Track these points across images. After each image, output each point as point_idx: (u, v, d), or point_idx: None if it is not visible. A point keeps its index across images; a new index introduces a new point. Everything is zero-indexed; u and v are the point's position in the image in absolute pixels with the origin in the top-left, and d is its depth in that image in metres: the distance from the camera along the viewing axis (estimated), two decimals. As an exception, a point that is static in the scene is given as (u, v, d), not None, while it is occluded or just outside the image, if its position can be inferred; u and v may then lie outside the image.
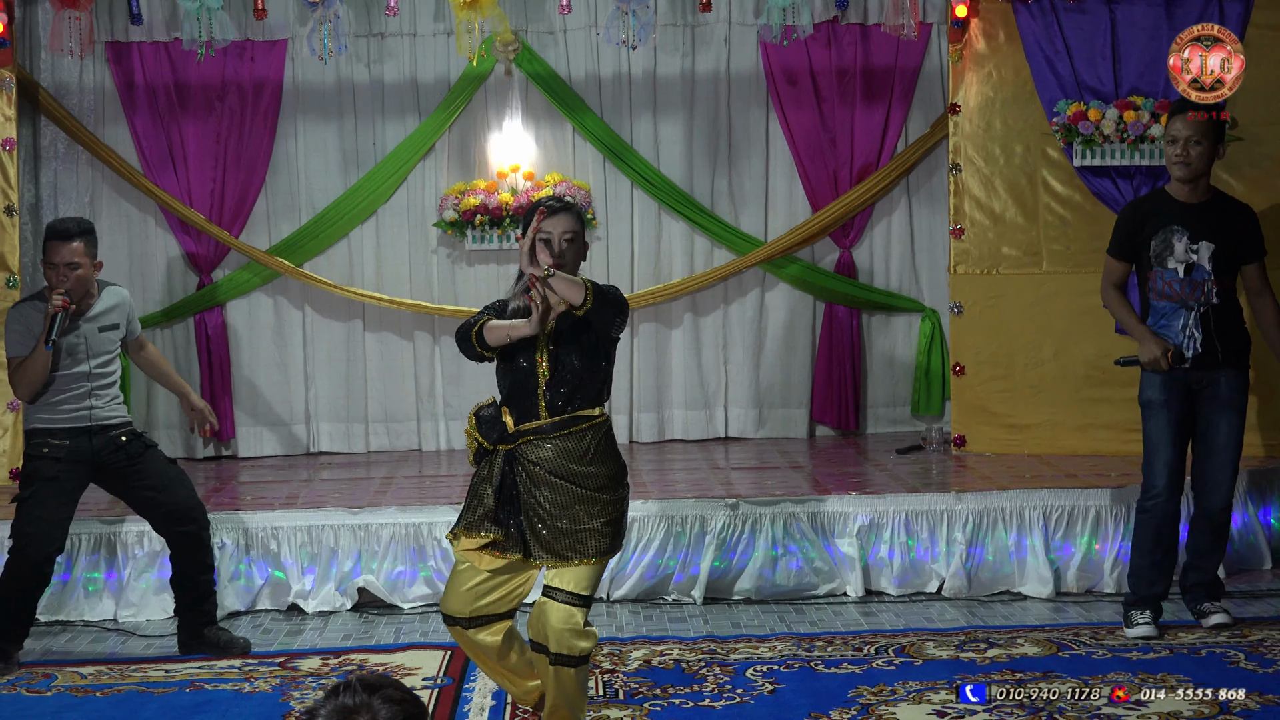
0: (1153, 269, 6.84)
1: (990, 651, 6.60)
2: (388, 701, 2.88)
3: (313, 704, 2.92)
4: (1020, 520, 7.79)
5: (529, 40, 9.92)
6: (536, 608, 5.16)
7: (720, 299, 10.30)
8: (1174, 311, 6.79)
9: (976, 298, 9.24)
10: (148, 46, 9.79)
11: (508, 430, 5.22)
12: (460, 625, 5.30)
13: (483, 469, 5.27)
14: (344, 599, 7.71)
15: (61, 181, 9.87)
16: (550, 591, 5.14)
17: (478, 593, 5.25)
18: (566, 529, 5.16)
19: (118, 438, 6.86)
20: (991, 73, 9.23)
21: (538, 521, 5.16)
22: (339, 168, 10.08)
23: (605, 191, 10.17)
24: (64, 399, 6.78)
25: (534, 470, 5.19)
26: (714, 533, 7.72)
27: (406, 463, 9.72)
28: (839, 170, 10.09)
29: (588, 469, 5.24)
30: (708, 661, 6.56)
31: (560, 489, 5.18)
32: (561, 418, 5.21)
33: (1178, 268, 6.77)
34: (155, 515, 6.98)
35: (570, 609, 5.12)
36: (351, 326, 10.18)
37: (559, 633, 5.11)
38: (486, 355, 5.23)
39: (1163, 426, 6.81)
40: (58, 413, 6.78)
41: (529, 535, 5.18)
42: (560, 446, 5.20)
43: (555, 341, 5.21)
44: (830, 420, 10.29)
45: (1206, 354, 6.76)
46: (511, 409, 5.24)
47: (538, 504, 5.17)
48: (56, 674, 6.63)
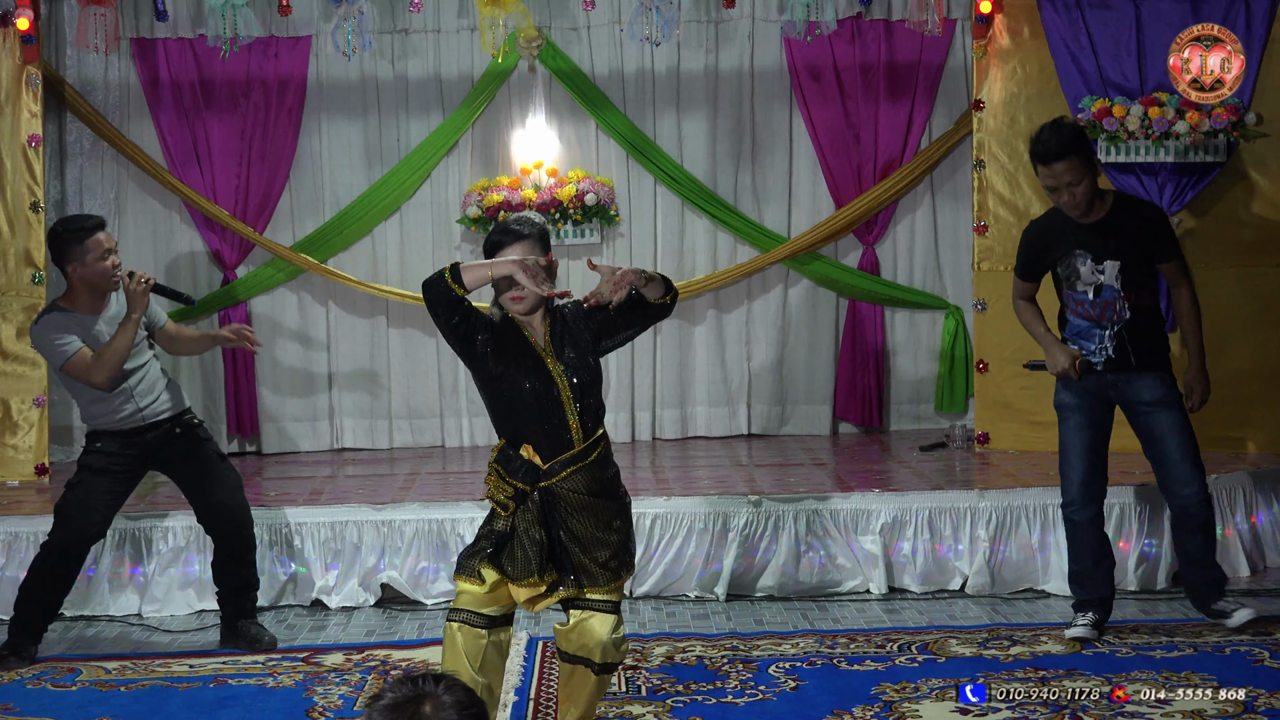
0: (1064, 290, 6.80)
1: (1013, 649, 6.59)
2: (452, 689, 2.98)
3: (378, 690, 3.01)
4: (1044, 518, 7.76)
5: (553, 36, 9.93)
6: (576, 625, 5.06)
7: (743, 295, 10.29)
8: (1088, 330, 6.73)
9: (1000, 294, 9.08)
10: (173, 43, 9.83)
11: (539, 469, 5.03)
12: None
13: (504, 519, 5.02)
14: (367, 595, 7.73)
15: (87, 178, 9.93)
16: (587, 604, 5.05)
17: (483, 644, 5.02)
18: (616, 543, 5.07)
19: (171, 430, 6.87)
20: (1016, 69, 9.20)
21: (581, 552, 5.02)
22: (363, 164, 10.10)
23: (628, 188, 10.17)
24: (110, 401, 6.76)
25: (573, 498, 5.03)
26: (737, 529, 7.72)
27: (430, 459, 9.74)
28: (863, 166, 10.07)
29: (608, 476, 5.14)
30: (730, 658, 6.55)
31: (598, 508, 5.06)
32: (592, 439, 5.08)
33: (1086, 290, 6.69)
34: (198, 508, 7.01)
35: (614, 618, 5.07)
36: (375, 323, 10.19)
37: (607, 643, 5.04)
38: (457, 291, 4.86)
39: (1074, 430, 6.80)
40: (107, 416, 6.79)
41: (579, 570, 5.03)
42: (592, 470, 5.08)
43: (562, 357, 5.05)
44: (853, 417, 10.28)
45: (1119, 359, 6.71)
46: (534, 443, 5.03)
47: (582, 531, 5.02)
48: (81, 668, 6.65)
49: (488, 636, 5.01)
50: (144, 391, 6.81)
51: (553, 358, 5.04)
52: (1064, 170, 6.50)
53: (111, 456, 6.79)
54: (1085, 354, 6.72)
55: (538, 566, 4.96)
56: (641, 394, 10.28)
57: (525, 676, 6.34)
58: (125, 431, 6.79)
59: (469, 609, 5.00)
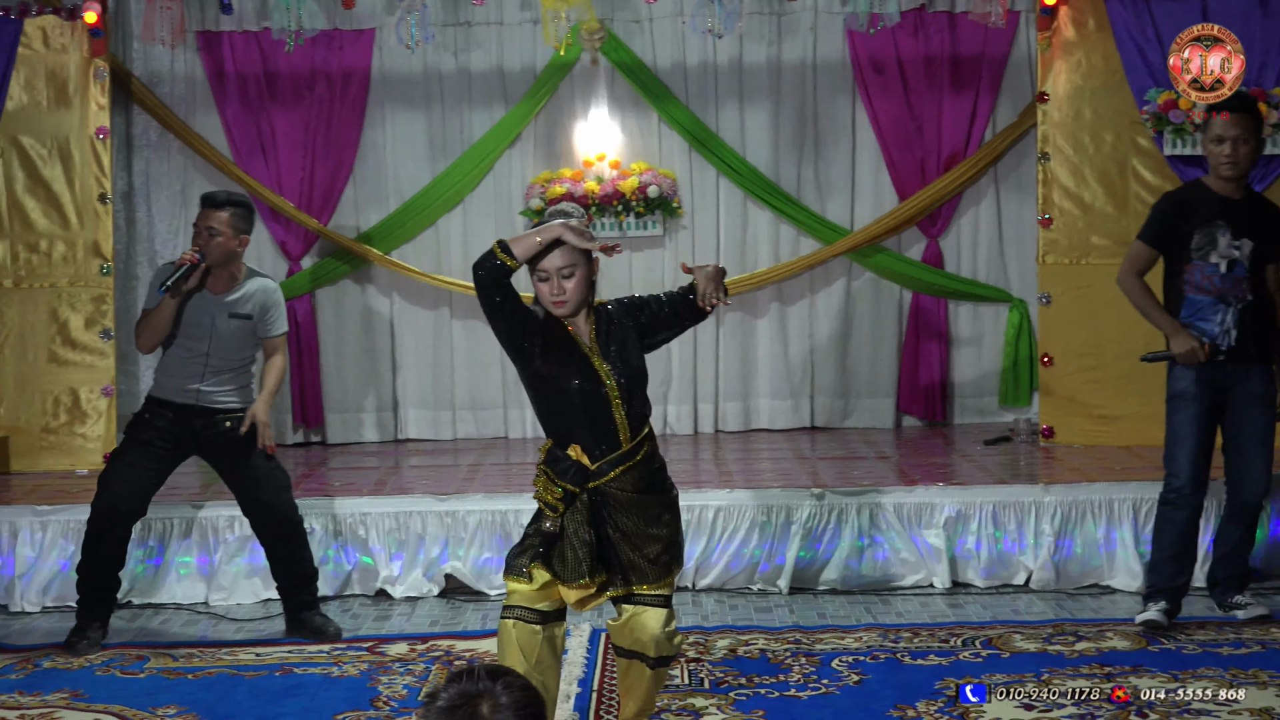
0: (1191, 262, 6.73)
1: (1079, 645, 6.55)
2: (509, 688, 2.93)
3: (436, 686, 2.97)
4: (1109, 512, 7.72)
5: (615, 29, 9.93)
6: (628, 620, 5.04)
7: (806, 288, 10.27)
8: (1211, 306, 6.69)
9: (1065, 287, 9.15)
10: (238, 36, 9.89)
11: (588, 469, 5.00)
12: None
13: (554, 519, 4.98)
14: (431, 585, 7.76)
15: (154, 170, 10.02)
16: (640, 599, 5.02)
17: (539, 639, 5.03)
18: (665, 538, 5.04)
19: (221, 422, 6.90)
20: (1081, 60, 9.14)
21: (630, 549, 4.99)
22: (426, 156, 10.13)
23: (691, 180, 10.16)
24: (176, 372, 6.85)
25: (621, 496, 5.00)
26: (800, 523, 7.70)
27: (493, 450, 9.78)
28: (926, 159, 10.03)
29: (654, 470, 5.10)
30: (793, 651, 6.54)
31: (646, 504, 5.03)
32: (639, 438, 5.04)
33: (1220, 263, 6.67)
34: (244, 505, 7.06)
35: (667, 611, 5.05)
36: (439, 314, 10.23)
37: (660, 637, 5.03)
38: (508, 263, 4.90)
39: (1190, 419, 6.75)
40: (168, 385, 6.88)
41: (628, 568, 5.01)
42: (639, 467, 5.05)
43: (608, 356, 5.02)
44: (917, 411, 10.25)
45: (1240, 348, 6.69)
46: (582, 443, 5.00)
47: (631, 528, 4.99)
48: (149, 656, 6.71)
49: (542, 632, 5.00)
50: (216, 376, 6.87)
51: (599, 356, 5.01)
52: (1242, 122, 6.68)
53: (157, 430, 6.84)
54: (1207, 338, 6.69)
55: (589, 568, 4.93)
56: (704, 386, 10.28)
57: (588, 667, 6.34)
58: (176, 405, 6.85)
59: (522, 605, 5.00)
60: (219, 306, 6.86)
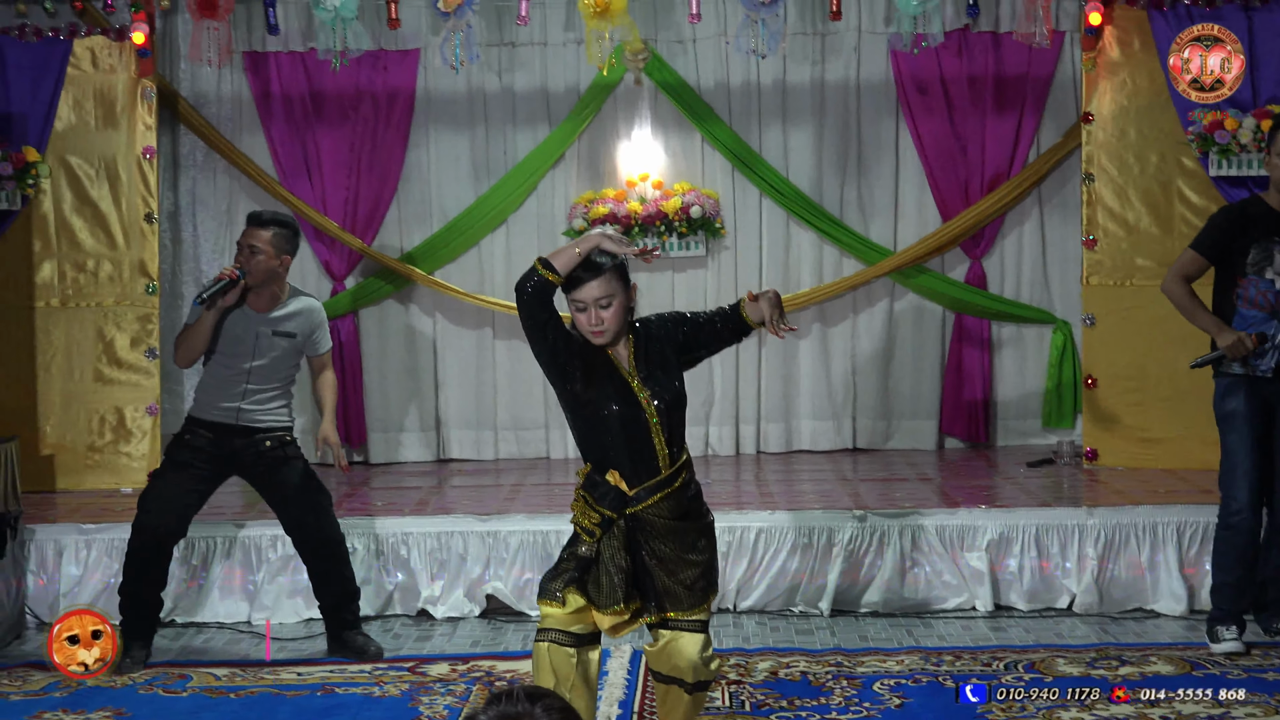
0: (1246, 276, 6.68)
1: (1122, 669, 6.51)
2: (549, 710, 2.93)
3: (474, 709, 2.97)
4: (1153, 536, 7.67)
5: (658, 49, 9.94)
6: (665, 645, 5.04)
7: (849, 309, 10.25)
8: (1264, 321, 6.63)
9: (1110, 309, 9.11)
10: (284, 56, 9.95)
11: (626, 495, 4.98)
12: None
13: (590, 544, 4.97)
14: (472, 605, 7.76)
15: (200, 189, 10.08)
16: (675, 624, 5.02)
17: (574, 663, 4.99)
18: (701, 564, 5.03)
19: (261, 442, 6.89)
20: (1125, 80, 9.10)
21: (666, 575, 4.98)
22: (470, 176, 10.16)
23: (734, 200, 10.16)
24: (217, 391, 6.86)
25: (658, 523, 4.99)
26: (842, 544, 7.68)
27: (535, 470, 9.79)
28: (970, 179, 10.01)
29: (690, 496, 5.08)
30: (835, 674, 6.53)
31: (683, 530, 5.02)
32: (678, 465, 5.03)
33: (1275, 279, 6.63)
34: (286, 524, 7.07)
35: (704, 636, 5.04)
36: (481, 334, 10.24)
37: (697, 663, 5.02)
38: (550, 278, 4.90)
39: (1244, 439, 6.70)
40: (208, 404, 6.88)
41: (663, 594, 4.99)
42: (677, 494, 5.03)
43: (647, 380, 5.00)
44: (959, 432, 10.21)
45: None
46: (620, 468, 4.98)
47: (667, 554, 4.99)
48: (192, 675, 6.73)
49: (576, 655, 4.98)
50: (257, 395, 6.87)
51: (639, 381, 4.99)
52: None
53: (196, 451, 6.85)
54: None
55: (623, 595, 4.91)
56: (746, 407, 10.26)
57: (629, 689, 6.33)
58: (216, 425, 6.85)
59: (557, 628, 4.97)
60: (262, 324, 6.87)
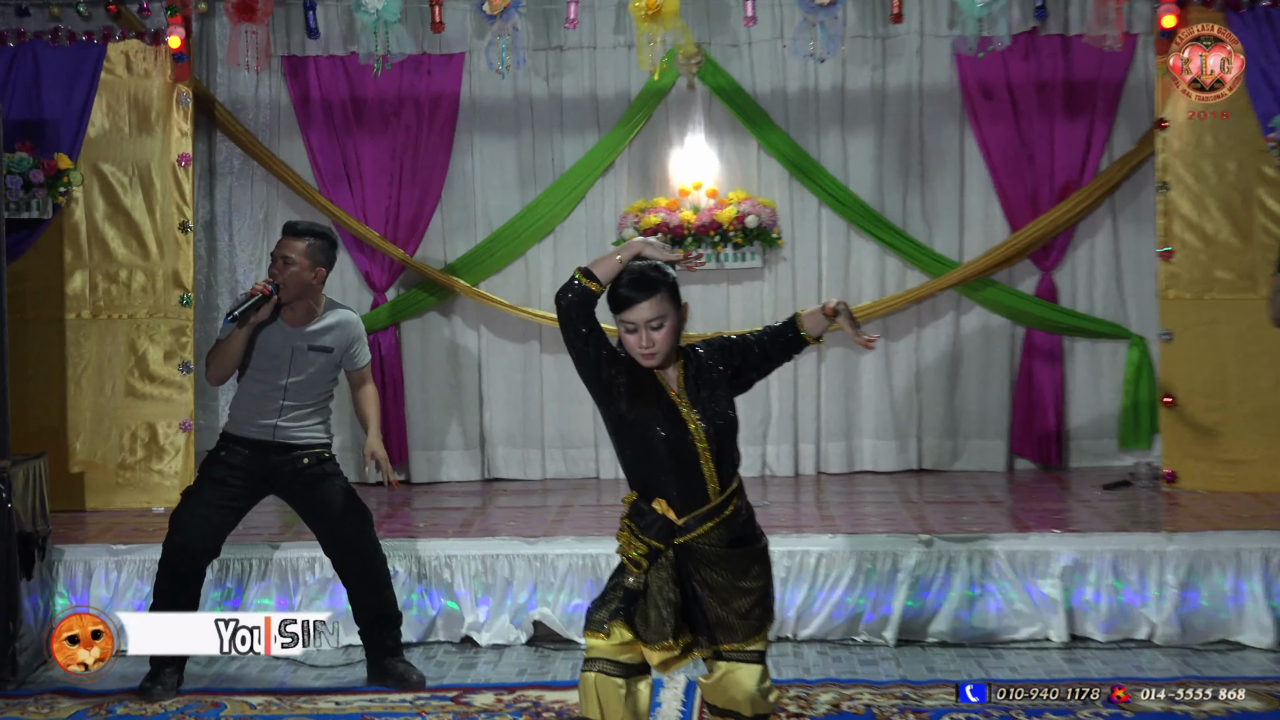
0: None
1: (1206, 705, 6.31)
2: None
3: None
4: (1238, 563, 7.48)
5: (712, 53, 9.84)
6: (720, 678, 4.97)
7: (913, 323, 10.09)
8: None
9: (1188, 324, 8.95)
10: (324, 60, 9.91)
11: (674, 524, 4.88)
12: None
13: (637, 576, 4.91)
14: (519, 632, 7.66)
15: (236, 197, 10.06)
16: (732, 655, 4.93)
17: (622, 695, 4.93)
18: (756, 591, 4.92)
19: (299, 459, 6.80)
20: (1202, 85, 8.89)
21: (719, 605, 4.90)
22: (516, 184, 10.09)
23: (791, 210, 10.02)
24: (253, 407, 6.78)
25: (709, 552, 4.89)
26: (907, 570, 7.55)
27: (584, 490, 9.70)
28: (1038, 188, 9.85)
29: (743, 522, 4.97)
30: (900, 708, 6.41)
31: (735, 557, 4.91)
32: (729, 491, 4.91)
33: None
34: (324, 543, 6.97)
35: (762, 668, 4.96)
36: (528, 348, 10.13)
37: (755, 695, 4.94)
38: (592, 288, 4.80)
39: None
40: (243, 420, 6.82)
41: (716, 626, 4.91)
42: (729, 522, 4.92)
43: (696, 403, 4.89)
44: (1030, 453, 10.02)
45: None
46: (667, 495, 4.89)
47: (719, 583, 4.89)
48: (225, 703, 6.64)
49: (625, 686, 4.92)
50: (294, 411, 6.78)
51: (687, 404, 4.89)
52: None
53: (232, 469, 6.78)
54: None
55: (672, 629, 4.84)
56: (805, 426, 10.11)
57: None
58: (252, 442, 6.77)
59: (604, 658, 4.92)
60: (298, 339, 6.77)
